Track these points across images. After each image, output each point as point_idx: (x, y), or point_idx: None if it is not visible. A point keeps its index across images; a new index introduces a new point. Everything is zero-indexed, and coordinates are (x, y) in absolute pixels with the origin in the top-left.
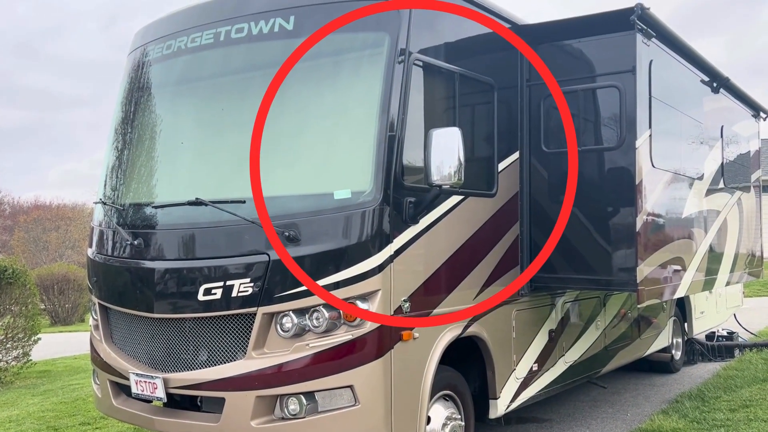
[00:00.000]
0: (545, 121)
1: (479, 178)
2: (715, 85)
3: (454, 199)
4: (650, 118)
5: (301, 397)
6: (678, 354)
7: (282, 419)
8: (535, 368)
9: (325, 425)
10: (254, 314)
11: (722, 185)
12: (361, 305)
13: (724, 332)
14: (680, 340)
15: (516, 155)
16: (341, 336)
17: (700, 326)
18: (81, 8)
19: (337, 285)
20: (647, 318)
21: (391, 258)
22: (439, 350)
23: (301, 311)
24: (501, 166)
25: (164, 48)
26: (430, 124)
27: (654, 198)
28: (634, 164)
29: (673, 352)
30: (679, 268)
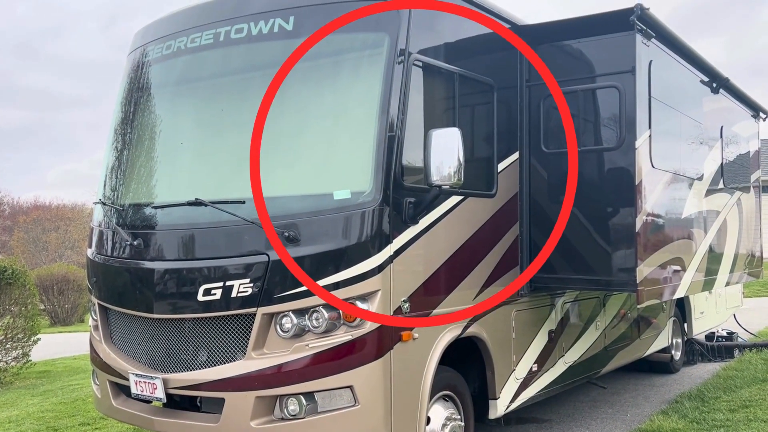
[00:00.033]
0: (545, 121)
1: (479, 178)
2: (714, 85)
3: (454, 200)
4: (650, 118)
5: (301, 397)
6: (678, 354)
7: (282, 420)
8: (534, 368)
9: (324, 426)
10: (254, 314)
11: (722, 185)
12: (361, 305)
13: (724, 332)
14: (680, 340)
15: (516, 155)
16: (341, 336)
17: (699, 326)
18: (81, 8)
19: (337, 285)
20: (647, 318)
21: (391, 258)
22: (438, 350)
23: (300, 311)
24: (501, 166)
25: (164, 48)
26: (429, 125)
27: (654, 198)
28: (634, 164)
29: (673, 352)
30: (678, 268)
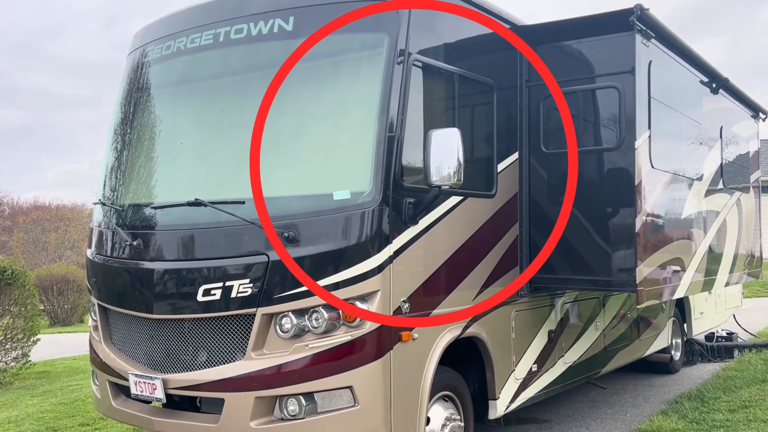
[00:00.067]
0: (545, 121)
1: (479, 178)
2: (714, 85)
3: (454, 200)
4: (649, 118)
5: (301, 397)
6: (677, 355)
7: (281, 420)
8: (534, 369)
9: (324, 426)
10: (253, 315)
11: (721, 186)
12: (361, 306)
13: (724, 333)
14: (680, 340)
15: (515, 156)
16: (340, 337)
17: (699, 327)
18: (81, 8)
19: (337, 285)
20: (646, 319)
21: (391, 258)
22: (438, 351)
23: (300, 312)
24: (500, 166)
25: (164, 48)
26: (429, 125)
27: (653, 199)
28: (634, 165)
29: (673, 352)
30: (678, 268)
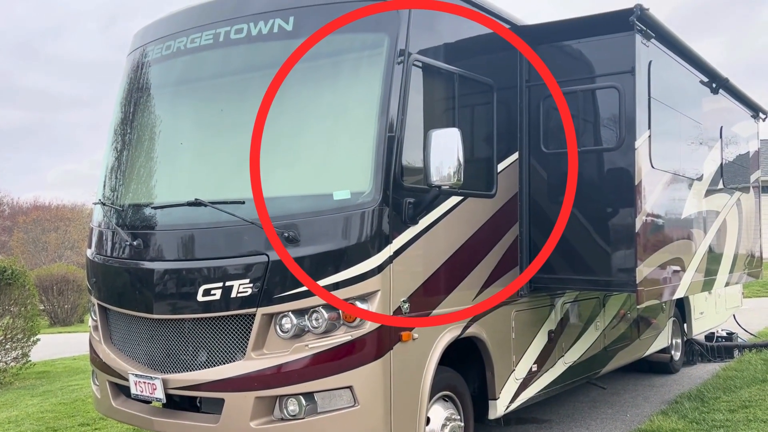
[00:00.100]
0: (544, 121)
1: (479, 178)
2: (714, 85)
3: (454, 200)
4: (649, 118)
5: (301, 397)
6: (677, 355)
7: (281, 420)
8: (534, 369)
9: (324, 426)
10: (253, 315)
11: (721, 186)
12: (361, 306)
13: (724, 333)
14: (680, 340)
15: (515, 156)
16: (340, 337)
17: (699, 327)
18: (80, 8)
19: (337, 286)
20: (646, 319)
21: (391, 258)
22: (438, 351)
23: (300, 312)
24: (500, 166)
25: (164, 49)
26: (429, 125)
27: (653, 199)
28: (634, 165)
29: (673, 352)
30: (678, 268)
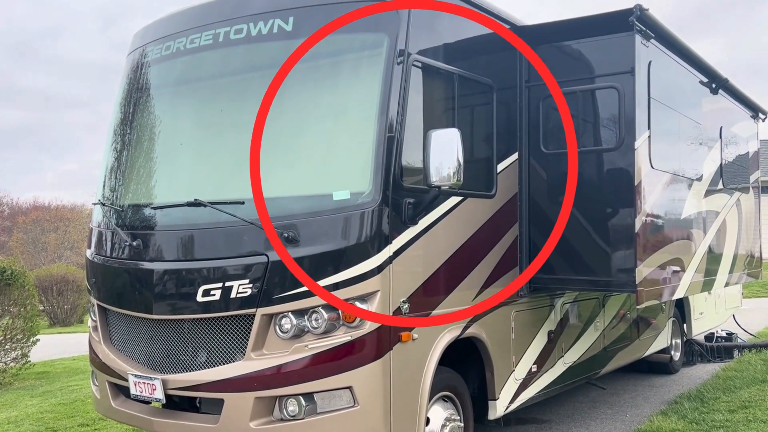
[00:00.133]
0: (544, 122)
1: (478, 179)
2: (714, 86)
3: (453, 200)
4: (649, 119)
5: (300, 398)
6: (677, 355)
7: (281, 420)
8: (534, 369)
9: (324, 426)
10: (253, 315)
11: (721, 186)
12: (361, 306)
13: (723, 333)
14: (679, 341)
15: (515, 156)
16: (340, 337)
17: (699, 327)
18: (80, 9)
19: (337, 286)
20: (646, 319)
21: (390, 259)
22: (438, 351)
23: (300, 312)
24: (500, 167)
25: (163, 49)
26: (429, 125)
27: (653, 199)
28: (633, 165)
29: (672, 353)
30: (678, 269)
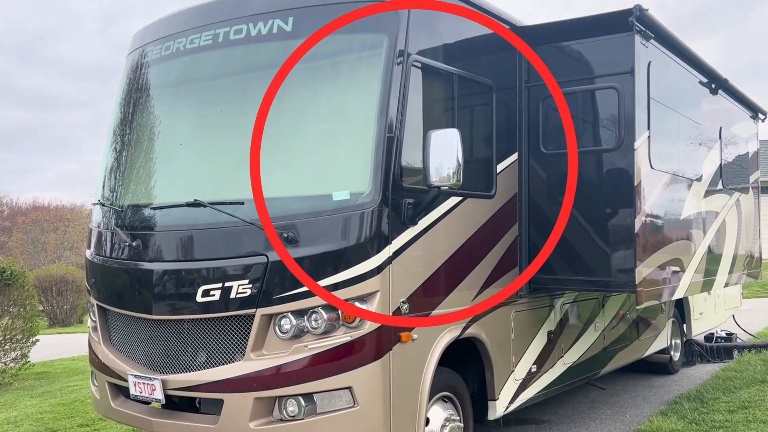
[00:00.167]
0: (544, 122)
1: (478, 179)
2: (713, 86)
3: (453, 201)
4: (649, 119)
5: (300, 398)
6: (677, 355)
7: (281, 421)
8: (533, 369)
9: (323, 426)
10: (253, 315)
11: (721, 186)
12: (360, 307)
13: (723, 333)
14: (679, 341)
15: (515, 156)
16: (340, 337)
17: (698, 327)
18: (80, 9)
19: (336, 286)
20: (646, 319)
21: (390, 259)
22: (437, 351)
23: (299, 312)
24: (500, 167)
25: (163, 49)
26: (428, 126)
27: (652, 199)
28: (633, 165)
29: (672, 353)
30: (677, 269)
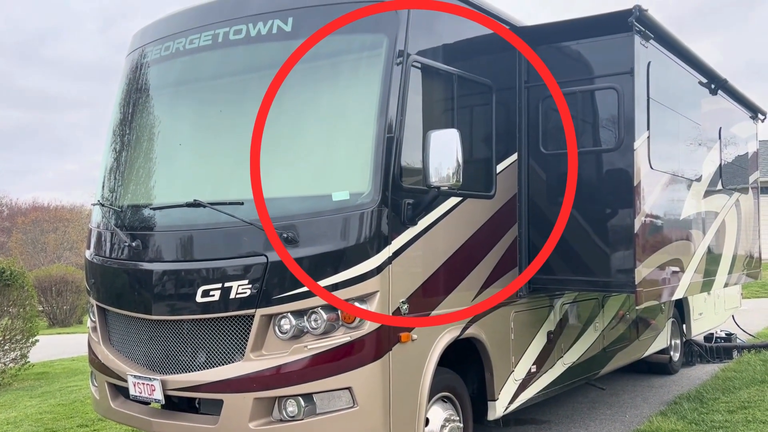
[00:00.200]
0: (543, 122)
1: (478, 179)
2: (713, 86)
3: (453, 201)
4: (648, 119)
5: (300, 398)
6: (676, 355)
7: (280, 421)
8: (533, 370)
9: (323, 427)
10: (252, 316)
11: (720, 187)
12: (360, 307)
13: (723, 333)
14: (679, 341)
15: (514, 157)
16: (339, 338)
17: (698, 327)
18: (80, 9)
19: (336, 286)
20: (645, 319)
21: (390, 259)
22: (437, 352)
23: (299, 313)
24: (499, 167)
25: (162, 49)
26: (428, 126)
27: (652, 199)
28: (632, 166)
29: (672, 353)
30: (677, 269)
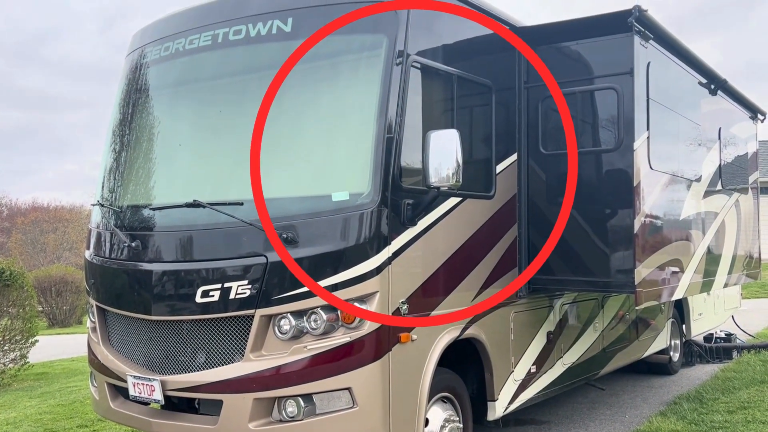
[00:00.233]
0: (543, 122)
1: (477, 179)
2: (712, 87)
3: (452, 201)
4: (648, 120)
5: (299, 399)
6: (676, 356)
7: (280, 421)
8: (533, 370)
9: (323, 427)
10: (252, 316)
11: (720, 187)
12: (360, 307)
13: (722, 334)
14: (678, 341)
15: (514, 157)
16: (339, 338)
17: (698, 328)
18: (80, 9)
19: (336, 287)
20: (645, 320)
21: (389, 260)
22: (437, 352)
23: (299, 313)
24: (499, 167)
25: (162, 50)
26: (428, 126)
27: (652, 200)
28: (632, 166)
29: (672, 353)
30: (677, 269)
